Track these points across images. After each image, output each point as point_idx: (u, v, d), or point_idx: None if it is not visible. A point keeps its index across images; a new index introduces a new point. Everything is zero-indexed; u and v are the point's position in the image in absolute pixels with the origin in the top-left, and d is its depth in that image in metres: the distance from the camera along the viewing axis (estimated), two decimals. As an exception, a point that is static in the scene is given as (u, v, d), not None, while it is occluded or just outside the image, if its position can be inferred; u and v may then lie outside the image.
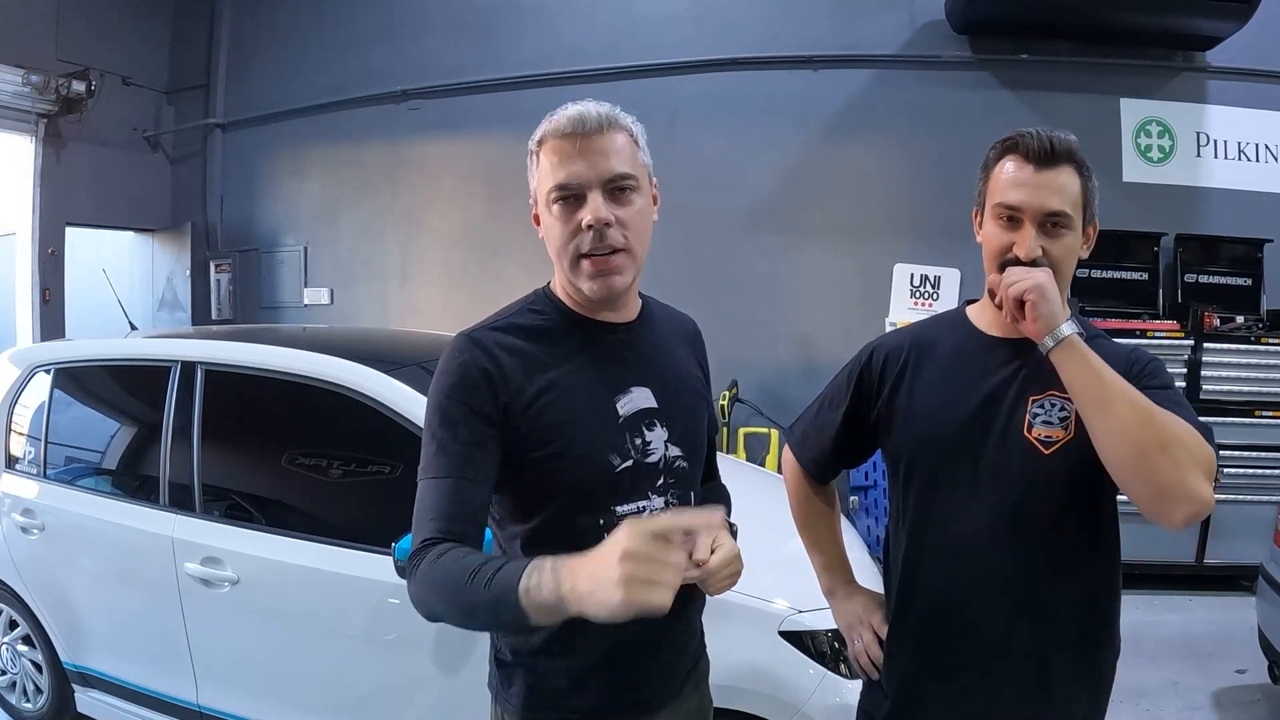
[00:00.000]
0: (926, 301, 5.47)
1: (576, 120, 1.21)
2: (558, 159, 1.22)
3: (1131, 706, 3.33)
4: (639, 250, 1.27)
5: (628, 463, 1.28)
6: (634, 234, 1.25)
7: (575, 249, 1.23)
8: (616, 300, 1.29)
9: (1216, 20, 5.11)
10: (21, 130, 6.21)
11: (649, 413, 1.31)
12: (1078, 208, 1.32)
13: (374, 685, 2.42)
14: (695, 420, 1.41)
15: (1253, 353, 4.73)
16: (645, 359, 1.35)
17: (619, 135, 1.24)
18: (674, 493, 1.33)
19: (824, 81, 5.82)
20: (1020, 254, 1.31)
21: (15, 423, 3.19)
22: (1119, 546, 1.41)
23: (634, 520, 0.97)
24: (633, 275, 1.27)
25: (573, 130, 1.21)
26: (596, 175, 1.21)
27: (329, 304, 6.82)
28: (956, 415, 1.39)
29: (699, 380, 1.47)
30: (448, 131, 6.33)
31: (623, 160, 1.23)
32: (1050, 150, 1.31)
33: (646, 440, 1.30)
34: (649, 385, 1.33)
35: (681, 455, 1.35)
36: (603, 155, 1.21)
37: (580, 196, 1.21)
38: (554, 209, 1.24)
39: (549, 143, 1.24)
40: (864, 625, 1.56)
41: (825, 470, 1.64)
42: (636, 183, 1.25)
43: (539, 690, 1.32)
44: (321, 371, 2.54)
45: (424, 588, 1.12)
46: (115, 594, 2.84)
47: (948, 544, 1.40)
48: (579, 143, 1.21)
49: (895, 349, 1.50)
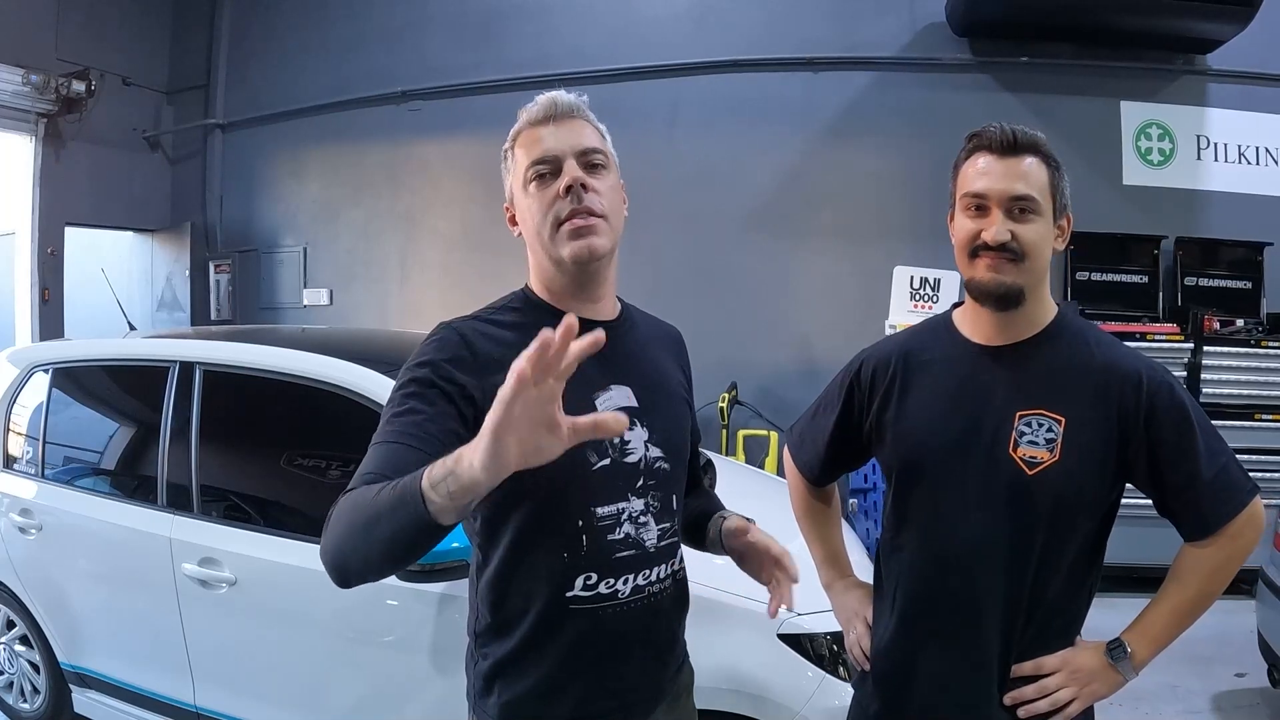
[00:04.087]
0: (926, 304, 5.46)
1: (549, 104, 1.27)
2: (532, 142, 1.27)
3: (1131, 710, 3.33)
4: (614, 223, 1.28)
5: (605, 460, 1.26)
6: (608, 204, 1.27)
7: (555, 216, 1.24)
8: (594, 273, 1.28)
9: (1217, 23, 5.10)
10: (21, 130, 6.20)
11: (628, 411, 1.25)
12: (1045, 195, 1.32)
13: (371, 686, 2.41)
14: (677, 423, 1.39)
15: (1253, 356, 4.73)
16: (625, 358, 1.33)
17: (588, 123, 1.30)
18: (654, 495, 1.31)
19: (824, 83, 5.82)
20: (988, 238, 1.31)
21: (13, 422, 3.19)
22: (1100, 562, 1.42)
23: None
24: (610, 243, 1.27)
25: (544, 115, 1.27)
26: (570, 146, 1.26)
27: (328, 305, 6.82)
28: (943, 431, 1.39)
29: (682, 385, 1.45)
30: (448, 132, 6.32)
31: (594, 140, 1.29)
32: (1013, 140, 1.33)
33: (625, 439, 1.28)
34: (629, 384, 1.31)
35: (662, 456, 1.32)
36: (576, 133, 1.27)
37: (557, 170, 1.25)
38: (530, 188, 1.27)
39: (524, 133, 1.29)
40: (859, 618, 1.57)
41: (820, 473, 1.64)
42: (607, 161, 1.29)
43: (514, 699, 1.29)
44: (320, 372, 2.53)
45: (331, 529, 1.05)
46: (113, 594, 2.84)
47: (935, 557, 1.41)
48: (552, 123, 1.27)
49: (883, 361, 1.50)
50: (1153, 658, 1.36)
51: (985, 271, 1.33)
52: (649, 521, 1.30)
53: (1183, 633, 1.37)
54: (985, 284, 1.33)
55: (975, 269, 1.35)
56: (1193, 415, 1.31)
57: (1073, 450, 1.31)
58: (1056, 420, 1.32)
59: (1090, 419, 1.32)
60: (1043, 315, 1.39)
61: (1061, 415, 1.33)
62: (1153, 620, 1.36)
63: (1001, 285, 1.32)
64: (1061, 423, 1.32)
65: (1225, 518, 1.31)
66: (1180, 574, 1.36)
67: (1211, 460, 1.30)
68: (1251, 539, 1.33)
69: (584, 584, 1.26)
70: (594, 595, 1.27)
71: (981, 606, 1.36)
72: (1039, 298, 1.38)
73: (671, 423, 1.36)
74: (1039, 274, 1.35)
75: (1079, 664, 1.35)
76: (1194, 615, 1.36)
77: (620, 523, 1.28)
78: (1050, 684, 1.35)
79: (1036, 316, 1.39)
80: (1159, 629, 1.35)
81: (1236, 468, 1.33)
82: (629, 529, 1.28)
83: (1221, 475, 1.30)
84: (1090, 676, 1.35)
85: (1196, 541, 1.34)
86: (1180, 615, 1.35)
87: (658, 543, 1.32)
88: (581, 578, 1.25)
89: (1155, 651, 1.36)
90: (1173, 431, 1.30)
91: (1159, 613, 1.36)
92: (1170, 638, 1.36)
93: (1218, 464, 1.31)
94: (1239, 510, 1.31)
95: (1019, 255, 1.31)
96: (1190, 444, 1.30)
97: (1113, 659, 1.35)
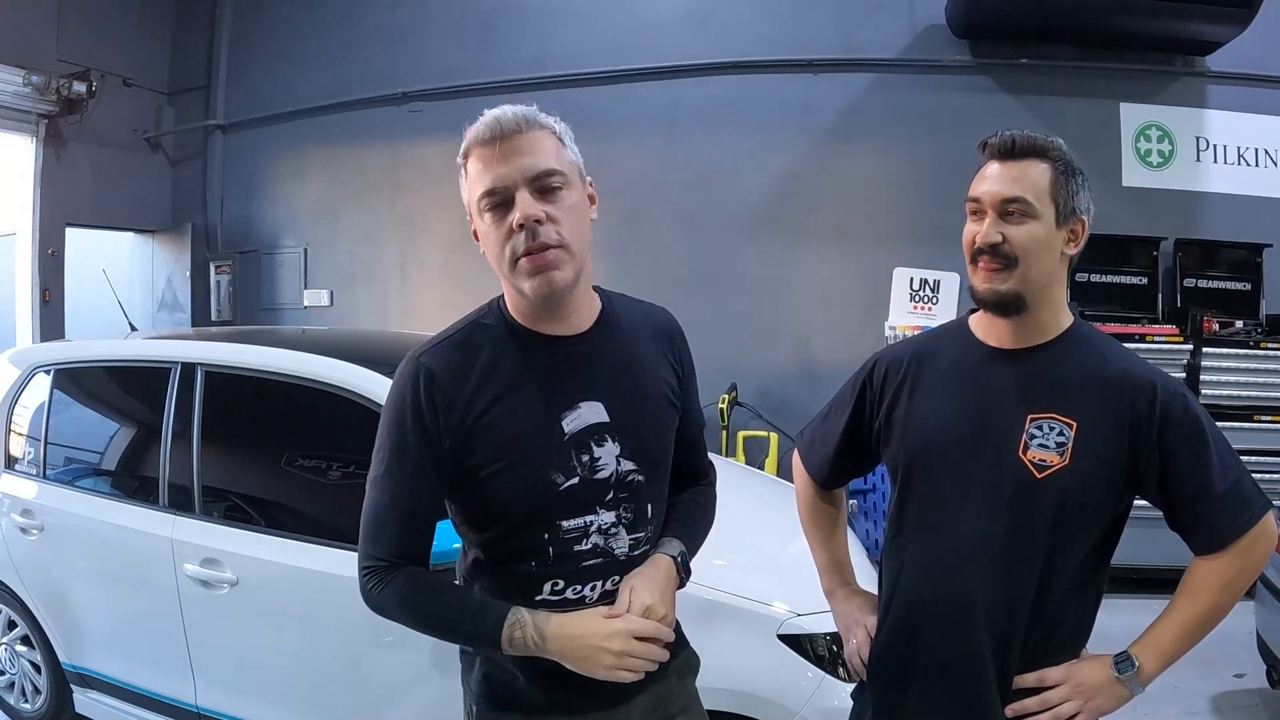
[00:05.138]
0: (926, 305, 5.47)
1: (493, 124, 1.21)
2: (481, 165, 1.22)
3: (1130, 711, 3.29)
4: (576, 247, 1.23)
5: (573, 480, 1.27)
6: (568, 230, 1.22)
7: (511, 251, 1.21)
8: (560, 300, 1.26)
9: (1216, 25, 5.11)
10: (22, 130, 6.21)
11: (599, 428, 1.29)
12: (1043, 197, 1.31)
13: (372, 687, 2.41)
14: (655, 431, 1.37)
15: (1252, 357, 4.72)
16: (598, 370, 1.32)
17: (539, 134, 1.23)
18: (626, 506, 1.32)
19: (824, 85, 5.83)
20: (977, 240, 1.33)
21: (15, 423, 3.19)
22: (1105, 575, 1.41)
23: (625, 622, 1.25)
24: (573, 272, 1.23)
25: (490, 135, 1.21)
26: (520, 174, 1.20)
27: (329, 306, 6.82)
28: (952, 430, 1.39)
29: (666, 384, 1.41)
30: (448, 134, 6.16)
31: (546, 158, 1.22)
32: (1011, 144, 1.33)
33: (595, 456, 1.29)
34: (601, 399, 1.30)
35: (636, 469, 1.32)
36: (524, 154, 1.20)
37: (509, 200, 1.20)
38: (485, 217, 1.23)
39: (473, 152, 1.24)
40: (859, 626, 1.56)
41: (829, 476, 1.64)
42: (564, 179, 1.23)
43: (493, 680, 1.35)
44: (321, 373, 2.53)
45: (391, 610, 1.30)
46: (114, 595, 2.84)
47: (936, 558, 1.40)
48: (499, 146, 1.20)
49: (896, 361, 1.50)
50: (1160, 673, 1.34)
51: (981, 279, 1.34)
52: (619, 532, 1.32)
53: (1192, 647, 1.34)
54: (980, 292, 1.35)
55: (975, 276, 1.36)
56: (1206, 428, 1.30)
57: (1083, 455, 1.30)
58: (1068, 424, 1.31)
59: (1102, 426, 1.31)
60: (1055, 322, 1.38)
61: (1074, 420, 1.31)
62: (1161, 634, 1.34)
63: (995, 293, 1.33)
64: (1073, 427, 1.31)
65: (1237, 532, 1.29)
66: (1190, 588, 1.34)
67: (1224, 474, 1.29)
68: (1263, 554, 1.31)
69: (551, 589, 1.30)
70: (561, 600, 1.31)
71: (979, 610, 1.34)
72: (1047, 303, 1.36)
73: (649, 432, 1.36)
74: (1039, 279, 1.33)
75: (1084, 677, 1.33)
76: (1204, 630, 1.33)
77: (588, 534, 1.30)
78: (1053, 697, 1.33)
79: (1049, 323, 1.37)
80: (1167, 643, 1.33)
81: (1250, 482, 1.31)
82: (597, 539, 1.30)
83: (1234, 489, 1.29)
84: (1095, 690, 1.33)
85: (1207, 555, 1.32)
86: (1190, 630, 1.33)
87: (629, 551, 1.33)
88: (549, 584, 1.30)
89: (1163, 666, 1.33)
90: (1185, 443, 1.29)
91: (1168, 626, 1.34)
92: (1179, 653, 1.34)
93: (1230, 477, 1.29)
94: (1251, 525, 1.29)
95: (1010, 258, 1.31)
96: (1203, 456, 1.29)
97: (1119, 673, 1.32)
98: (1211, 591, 1.32)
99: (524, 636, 1.23)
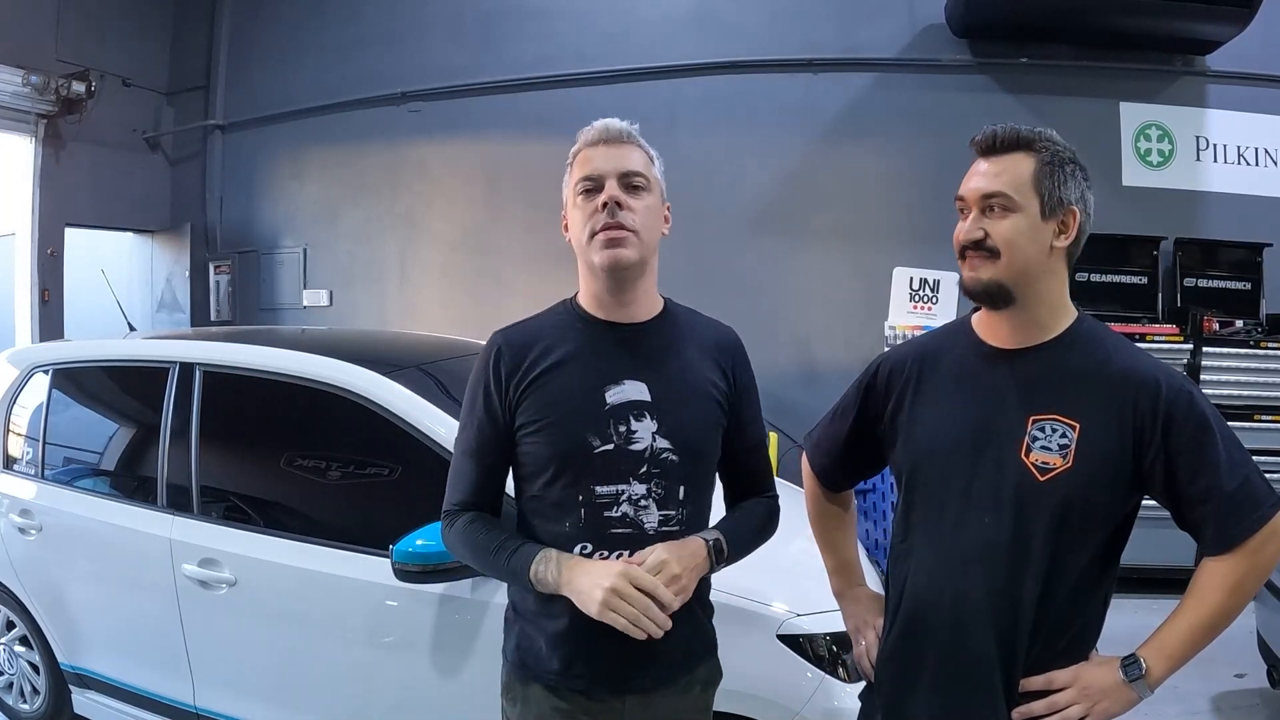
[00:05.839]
0: (926, 305, 5.46)
1: (603, 130, 1.46)
2: (585, 160, 1.46)
3: (1130, 710, 3.32)
4: (646, 238, 1.43)
5: (608, 446, 1.41)
6: (641, 221, 1.42)
7: (592, 227, 1.41)
8: (624, 281, 1.44)
9: (1216, 24, 5.11)
10: (21, 131, 6.20)
11: (639, 404, 1.43)
12: (1024, 190, 1.30)
13: (372, 687, 2.41)
14: (692, 419, 1.48)
15: (1252, 357, 4.73)
16: (648, 356, 1.48)
17: (636, 147, 1.47)
18: (657, 482, 1.43)
19: (824, 85, 5.83)
20: (960, 237, 1.34)
21: (13, 423, 3.19)
22: (1113, 577, 1.38)
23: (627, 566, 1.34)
24: (638, 255, 1.42)
25: (598, 138, 1.46)
26: (613, 168, 1.43)
27: (328, 306, 6.82)
28: (954, 432, 1.38)
29: (710, 383, 1.52)
30: (447, 134, 6.32)
31: (637, 163, 1.45)
32: (993, 139, 1.34)
33: (632, 429, 1.42)
34: (645, 380, 1.45)
35: (671, 449, 1.44)
36: (621, 156, 1.44)
37: (599, 188, 1.42)
38: (578, 200, 1.45)
39: (582, 152, 1.47)
40: (868, 628, 1.55)
41: (836, 478, 1.64)
42: (648, 183, 1.45)
43: (522, 648, 1.50)
44: (320, 373, 2.53)
45: (456, 546, 1.49)
46: (113, 595, 2.84)
47: (941, 562, 1.39)
48: (603, 146, 1.45)
49: (900, 363, 1.50)
50: (1169, 675, 1.32)
51: (966, 271, 1.36)
52: (650, 505, 1.43)
53: (1202, 650, 1.31)
54: (965, 283, 1.37)
55: (963, 270, 1.37)
56: (1214, 425, 1.27)
57: (1087, 457, 1.28)
58: (1071, 426, 1.29)
59: (1106, 426, 1.29)
60: (1055, 320, 1.36)
61: (1076, 421, 1.30)
62: (1170, 636, 1.31)
63: (978, 283, 1.33)
64: (1076, 428, 1.29)
65: (1246, 532, 1.25)
66: (1199, 589, 1.30)
67: (1233, 472, 1.26)
68: (1273, 554, 1.27)
69: (580, 553, 1.42)
70: None
71: (984, 614, 1.33)
72: (1040, 298, 1.34)
73: (686, 418, 1.47)
74: (1025, 271, 1.31)
75: (1091, 680, 1.31)
76: (1214, 632, 1.30)
77: (619, 502, 1.42)
78: (1060, 700, 1.31)
79: (1048, 321, 1.36)
80: (1176, 645, 1.30)
81: (1260, 480, 1.28)
82: (627, 509, 1.42)
83: (1244, 487, 1.26)
84: (1102, 693, 1.30)
85: (1216, 556, 1.29)
86: (1199, 632, 1.30)
87: (658, 527, 1.43)
88: (579, 546, 1.42)
89: (1172, 669, 1.31)
90: (1191, 441, 1.26)
91: (1177, 628, 1.31)
92: (1188, 655, 1.30)
93: (1239, 476, 1.26)
94: (1261, 524, 1.25)
95: (994, 252, 1.31)
96: (1210, 454, 1.26)
97: (1127, 676, 1.30)
98: (1220, 593, 1.28)
99: (547, 570, 1.37)
